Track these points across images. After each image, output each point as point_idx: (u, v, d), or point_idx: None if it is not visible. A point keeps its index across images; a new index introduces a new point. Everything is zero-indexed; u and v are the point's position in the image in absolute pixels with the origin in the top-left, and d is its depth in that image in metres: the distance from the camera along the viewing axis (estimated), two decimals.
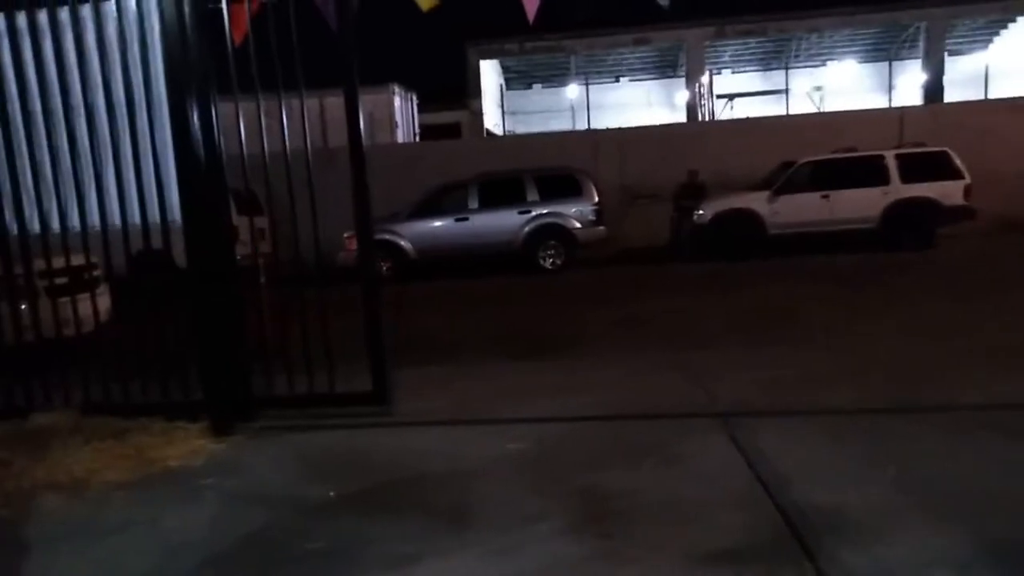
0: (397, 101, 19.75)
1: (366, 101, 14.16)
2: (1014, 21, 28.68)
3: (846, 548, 2.82)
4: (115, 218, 4.75)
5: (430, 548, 3.01)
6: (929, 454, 3.67)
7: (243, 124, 4.48)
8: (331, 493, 3.62)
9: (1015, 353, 5.45)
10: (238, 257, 4.86)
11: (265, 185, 4.64)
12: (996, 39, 30.03)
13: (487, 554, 2.95)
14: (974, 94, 28.03)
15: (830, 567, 2.70)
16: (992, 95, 27.71)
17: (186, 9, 4.39)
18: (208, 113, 4.55)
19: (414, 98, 22.22)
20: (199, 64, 4.48)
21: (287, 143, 4.64)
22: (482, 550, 2.98)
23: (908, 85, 29.21)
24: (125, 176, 4.66)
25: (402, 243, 12.29)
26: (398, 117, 19.63)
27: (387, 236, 12.12)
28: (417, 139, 22.16)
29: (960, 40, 29.08)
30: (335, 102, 7.24)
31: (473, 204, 12.44)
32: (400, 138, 19.82)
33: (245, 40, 4.57)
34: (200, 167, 4.54)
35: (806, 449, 3.83)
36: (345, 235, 11.16)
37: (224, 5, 4.52)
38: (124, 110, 4.59)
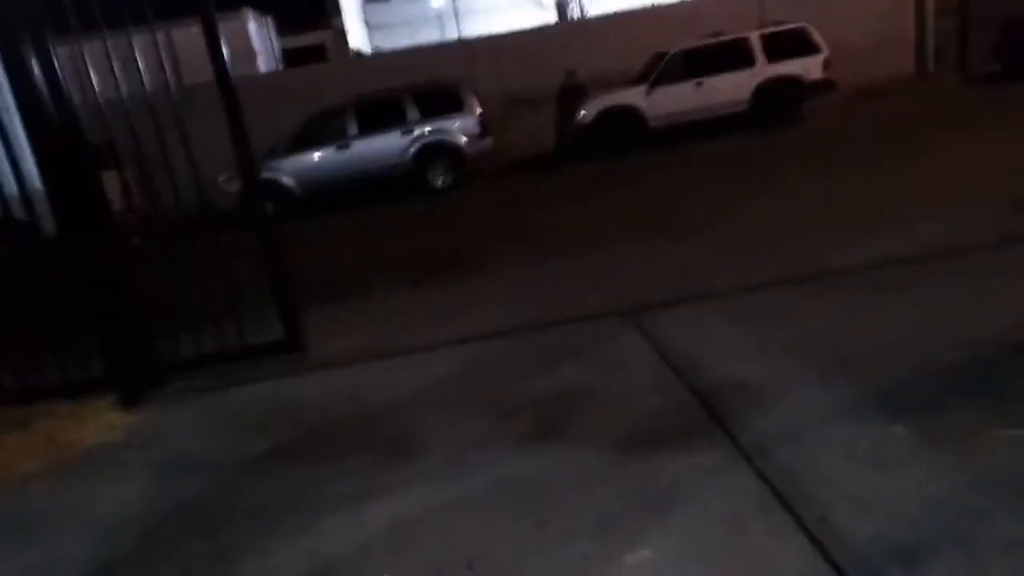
0: (253, 27, 18.43)
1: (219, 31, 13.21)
2: None
3: (751, 414, 3.12)
4: None
5: (378, 484, 3.08)
6: (812, 319, 4.04)
7: (90, 68, 4.12)
8: (264, 445, 3.61)
9: (873, 218, 5.91)
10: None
11: (133, 135, 4.31)
12: None
13: (435, 479, 3.06)
14: None
15: (739, 431, 3.00)
16: None
17: None
18: (49, 59, 4.13)
19: (271, 23, 20.79)
20: (30, 4, 4.03)
21: (143, 83, 4.29)
22: (430, 476, 3.08)
23: None
24: None
25: (284, 179, 11.80)
26: (256, 45, 18.37)
27: (267, 174, 11.59)
28: (280, 67, 20.90)
29: None
30: (185, 35, 6.72)
31: (353, 130, 12.00)
32: (261, 67, 18.63)
33: None
34: (52, 122, 4.17)
35: (705, 331, 4.13)
36: (220, 178, 10.60)
37: None
38: None
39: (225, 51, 4.36)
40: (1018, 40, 13.00)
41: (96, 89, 4.29)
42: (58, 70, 4.18)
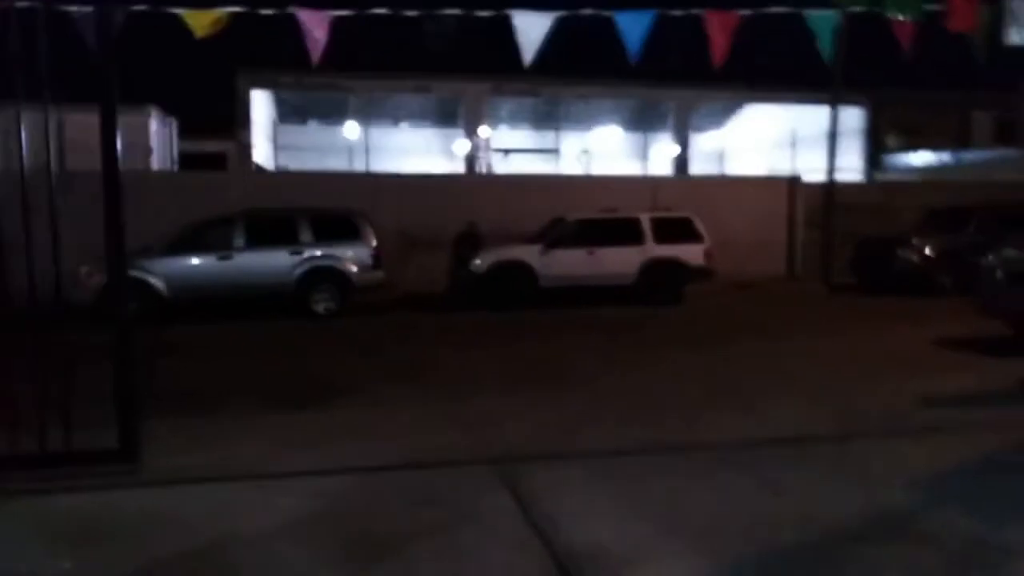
0: (154, 125, 18.07)
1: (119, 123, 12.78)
2: (741, 107, 33.47)
3: None
4: None
5: None
6: (679, 490, 4.07)
7: None
8: (66, 566, 3.13)
9: (740, 393, 6.24)
10: None
11: None
12: (729, 122, 34.81)
13: None
14: (714, 168, 32.11)
15: None
16: (727, 171, 31.95)
17: None
18: None
19: (174, 124, 20.49)
20: None
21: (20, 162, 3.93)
22: None
23: (661, 154, 32.73)
24: None
25: (152, 280, 11.03)
26: (153, 142, 17.91)
27: (136, 273, 10.80)
28: (175, 167, 20.39)
29: (703, 119, 33.26)
30: (79, 120, 6.35)
31: (239, 241, 11.56)
32: (155, 165, 18.10)
33: None
34: None
35: (570, 490, 4.07)
36: (82, 269, 9.80)
37: None
38: None
39: (120, 143, 4.09)
40: (867, 258, 14.48)
41: None
42: None
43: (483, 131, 28.20)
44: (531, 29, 6.60)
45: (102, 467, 4.16)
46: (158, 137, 18.26)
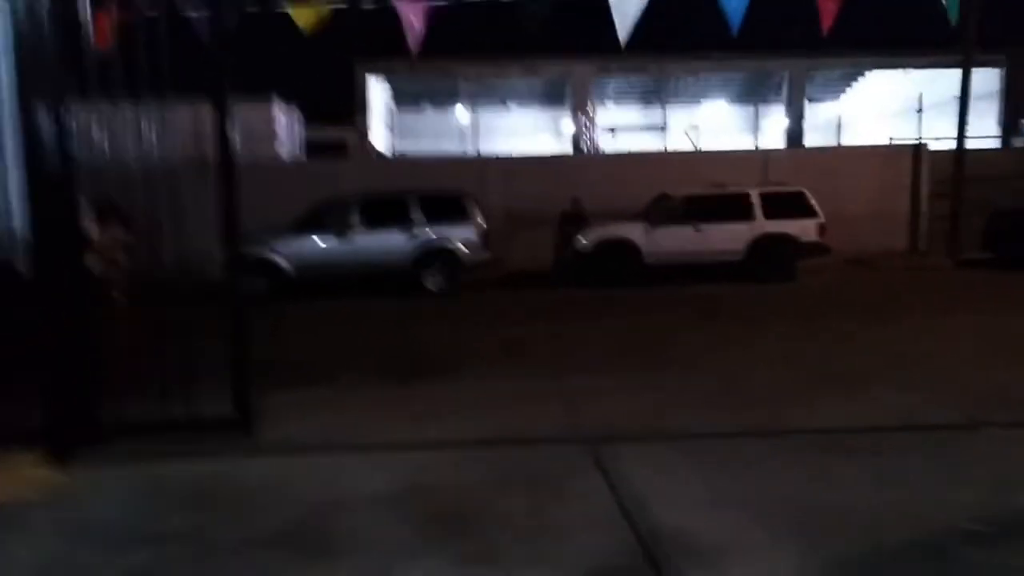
0: (279, 115, 19.17)
1: (246, 114, 13.72)
2: (863, 75, 31.57)
3: (693, 568, 2.96)
4: None
5: None
6: (772, 475, 3.92)
7: (116, 132, 4.27)
8: (181, 525, 3.43)
9: (851, 377, 5.93)
10: (96, 270, 4.56)
11: (125, 196, 4.39)
12: (849, 90, 32.93)
13: None
14: (831, 139, 30.56)
15: None
16: (845, 141, 30.31)
17: (43, 12, 4.13)
18: (61, 119, 4.26)
19: (298, 113, 21.66)
20: (53, 68, 4.21)
21: (158, 153, 4.43)
22: None
23: (773, 127, 31.43)
24: None
25: (279, 260, 11.89)
26: (280, 131, 19.04)
27: (264, 253, 11.70)
28: (301, 155, 21.60)
29: (819, 89, 31.64)
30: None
31: (357, 223, 12.23)
32: (283, 154, 19.25)
33: (124, 45, 4.34)
34: (50, 175, 4.24)
35: (663, 473, 4.00)
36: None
37: (86, 9, 4.29)
38: None
39: (240, 132, 4.50)
40: (1005, 231, 13.48)
41: (125, 150, 4.40)
42: (68, 129, 4.30)
43: (590, 109, 28.07)
44: (625, 5, 6.60)
45: (220, 435, 4.49)
46: (284, 126, 19.40)
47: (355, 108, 26.24)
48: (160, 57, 4.29)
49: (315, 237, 12.12)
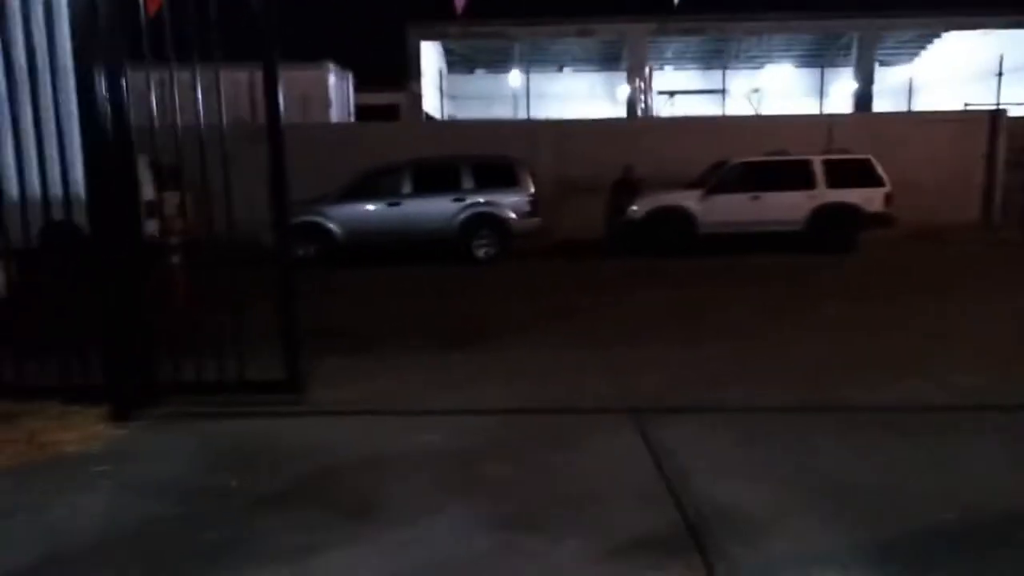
0: (332, 79, 19.25)
1: (298, 78, 13.77)
2: (939, 36, 29.98)
3: (735, 542, 2.92)
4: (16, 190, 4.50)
5: (329, 540, 2.96)
6: (823, 452, 3.81)
7: (172, 96, 4.32)
8: (232, 483, 3.53)
9: (909, 354, 5.73)
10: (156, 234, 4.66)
11: (177, 159, 4.45)
12: (923, 52, 31.34)
13: (387, 546, 2.92)
14: (901, 104, 29.23)
15: (717, 560, 2.79)
16: (916, 107, 28.95)
17: None
18: (117, 83, 4.33)
19: (351, 77, 21.74)
20: (108, 32, 4.26)
21: (217, 117, 4.46)
22: (382, 543, 2.95)
23: (840, 91, 30.19)
24: (25, 146, 4.41)
25: (330, 225, 12.01)
26: (332, 96, 19.15)
27: (314, 218, 11.84)
28: (353, 119, 21.71)
29: (890, 52, 30.21)
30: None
31: (406, 189, 12.25)
32: (334, 118, 19.37)
33: (176, 9, 4.37)
34: (107, 139, 4.33)
35: (708, 445, 3.95)
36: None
37: None
38: (25, 76, 4.34)
39: (292, 97, 4.51)
40: None
41: (175, 114, 4.44)
42: (124, 93, 4.36)
43: (646, 73, 27.40)
44: None
45: (269, 396, 4.60)
46: (336, 90, 19.49)
47: (408, 73, 26.17)
48: (210, 21, 4.31)
49: (365, 202, 12.20)
